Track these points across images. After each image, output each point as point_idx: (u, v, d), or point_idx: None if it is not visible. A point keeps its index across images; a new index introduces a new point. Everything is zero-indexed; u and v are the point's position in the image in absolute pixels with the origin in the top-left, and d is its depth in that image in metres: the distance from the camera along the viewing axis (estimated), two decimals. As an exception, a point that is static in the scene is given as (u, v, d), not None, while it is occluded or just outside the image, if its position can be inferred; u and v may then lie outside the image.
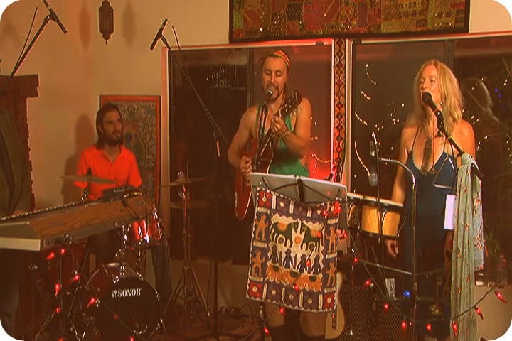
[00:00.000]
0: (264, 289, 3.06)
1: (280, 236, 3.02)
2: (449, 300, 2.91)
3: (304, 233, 2.98)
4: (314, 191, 2.89)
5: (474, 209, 2.85)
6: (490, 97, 4.51)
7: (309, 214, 2.97)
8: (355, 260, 3.09)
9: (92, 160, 4.66)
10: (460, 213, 2.82)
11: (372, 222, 3.14)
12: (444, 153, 3.31)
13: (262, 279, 3.06)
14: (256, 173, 3.15)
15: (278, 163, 3.71)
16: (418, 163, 3.41)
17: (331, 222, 2.90)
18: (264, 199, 3.04)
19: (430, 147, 3.38)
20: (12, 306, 3.49)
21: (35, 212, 3.38)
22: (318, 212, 2.94)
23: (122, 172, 4.78)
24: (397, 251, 3.55)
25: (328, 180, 3.93)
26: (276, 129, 3.46)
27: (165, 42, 4.28)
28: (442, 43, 4.32)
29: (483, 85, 4.52)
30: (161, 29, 4.28)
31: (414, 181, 2.87)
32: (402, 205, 3.24)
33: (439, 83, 3.33)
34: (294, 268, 2.99)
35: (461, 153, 2.87)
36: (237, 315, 4.82)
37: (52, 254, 3.01)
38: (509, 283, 4.28)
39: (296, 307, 3.01)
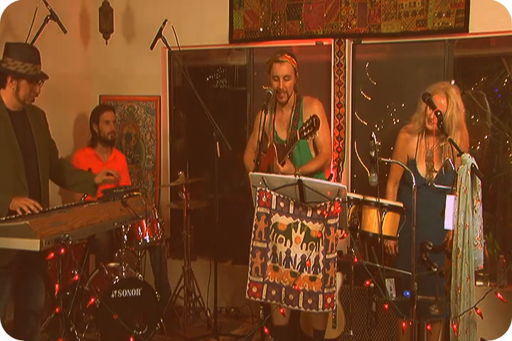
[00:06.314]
0: (264, 289, 3.06)
1: (280, 236, 3.02)
2: (449, 300, 2.91)
3: (304, 233, 2.99)
4: (314, 191, 2.89)
5: (474, 209, 2.85)
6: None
7: (309, 214, 2.98)
8: (355, 260, 3.10)
9: (85, 160, 4.63)
10: (460, 213, 2.83)
11: (372, 222, 3.14)
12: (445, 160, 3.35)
13: (261, 279, 3.06)
14: (256, 173, 3.15)
15: None
16: (422, 171, 3.43)
17: (331, 222, 2.90)
18: (264, 199, 3.04)
19: (432, 156, 3.42)
20: (38, 305, 3.46)
21: (35, 211, 3.37)
22: (318, 212, 2.94)
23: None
24: (397, 251, 3.56)
25: (328, 180, 3.93)
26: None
27: (165, 42, 4.28)
28: (442, 43, 4.32)
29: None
30: (161, 29, 4.28)
31: (414, 181, 2.87)
32: (402, 205, 3.24)
33: (446, 114, 3.30)
34: (294, 268, 2.99)
35: (461, 153, 2.88)
36: (237, 315, 4.81)
37: (52, 254, 3.00)
38: (509, 283, 4.28)
39: (296, 307, 3.01)
